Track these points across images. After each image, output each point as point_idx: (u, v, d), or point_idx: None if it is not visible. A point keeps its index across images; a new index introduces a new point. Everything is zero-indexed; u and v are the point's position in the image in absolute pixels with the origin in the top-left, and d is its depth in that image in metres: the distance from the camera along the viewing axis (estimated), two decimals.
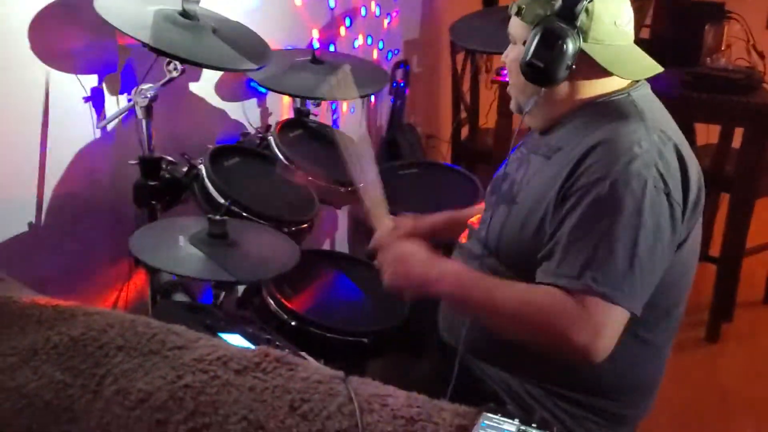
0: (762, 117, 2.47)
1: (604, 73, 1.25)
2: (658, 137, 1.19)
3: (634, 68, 1.28)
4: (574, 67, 1.22)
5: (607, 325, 1.12)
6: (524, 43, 1.25)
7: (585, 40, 1.22)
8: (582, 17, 1.20)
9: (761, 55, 2.69)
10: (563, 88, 1.27)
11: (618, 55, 1.26)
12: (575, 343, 1.11)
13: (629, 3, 1.28)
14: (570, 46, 1.19)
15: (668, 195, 1.16)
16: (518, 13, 1.27)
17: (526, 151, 1.38)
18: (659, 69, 1.28)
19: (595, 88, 1.28)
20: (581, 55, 1.22)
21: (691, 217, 1.22)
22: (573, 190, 1.17)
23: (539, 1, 1.24)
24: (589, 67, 1.24)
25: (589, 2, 1.20)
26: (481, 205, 1.52)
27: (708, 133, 3.10)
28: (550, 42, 1.20)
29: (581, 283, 1.12)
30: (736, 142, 2.67)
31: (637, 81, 1.31)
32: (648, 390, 1.36)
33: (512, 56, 1.31)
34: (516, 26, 1.30)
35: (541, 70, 1.22)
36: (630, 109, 1.24)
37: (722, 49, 2.70)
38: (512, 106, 1.38)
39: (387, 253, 1.33)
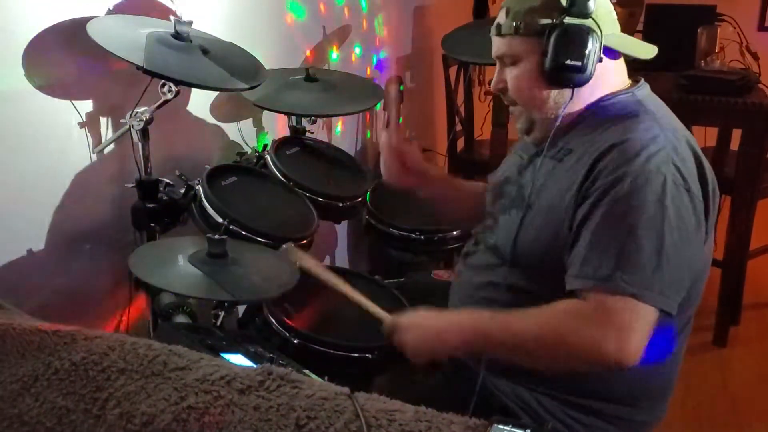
0: (759, 117, 2.47)
1: (607, 68, 1.25)
2: (672, 134, 1.19)
3: (644, 49, 1.29)
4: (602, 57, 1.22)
5: (634, 326, 1.10)
6: (520, 58, 1.25)
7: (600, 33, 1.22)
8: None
9: (755, 56, 2.70)
10: (568, 92, 1.25)
11: (625, 42, 1.27)
12: (605, 352, 1.10)
13: None
14: (595, 41, 1.20)
15: (688, 190, 1.15)
16: (516, 31, 1.25)
17: (526, 154, 1.37)
18: (655, 49, 1.31)
19: (599, 89, 1.27)
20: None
21: (711, 213, 1.21)
22: (591, 191, 1.16)
23: (538, 10, 1.23)
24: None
25: None
26: (480, 182, 1.51)
27: (706, 135, 3.10)
28: (577, 39, 1.19)
29: (612, 285, 1.11)
30: (734, 144, 2.67)
31: (638, 81, 1.31)
32: (662, 394, 1.34)
33: (515, 74, 1.29)
34: (511, 44, 1.28)
35: (577, 69, 1.20)
36: (638, 107, 1.24)
37: (716, 51, 2.71)
38: (522, 125, 1.34)
39: (400, 331, 1.29)
